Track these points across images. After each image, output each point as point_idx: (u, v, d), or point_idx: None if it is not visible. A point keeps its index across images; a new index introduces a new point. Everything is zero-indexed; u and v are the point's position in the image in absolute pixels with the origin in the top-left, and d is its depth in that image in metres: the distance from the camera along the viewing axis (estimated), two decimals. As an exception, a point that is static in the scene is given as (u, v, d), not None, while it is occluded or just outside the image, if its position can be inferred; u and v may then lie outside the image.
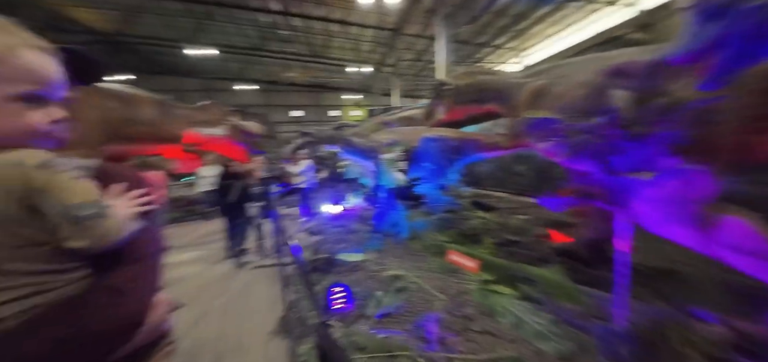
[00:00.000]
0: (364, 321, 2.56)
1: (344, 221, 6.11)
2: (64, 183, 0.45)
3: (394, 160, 4.58)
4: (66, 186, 0.45)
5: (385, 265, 3.66)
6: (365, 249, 4.29)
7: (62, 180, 0.45)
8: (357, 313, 2.68)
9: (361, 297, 2.92)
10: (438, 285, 2.99)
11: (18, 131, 0.45)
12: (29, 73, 0.45)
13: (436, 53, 9.70)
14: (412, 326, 2.38)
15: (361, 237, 4.85)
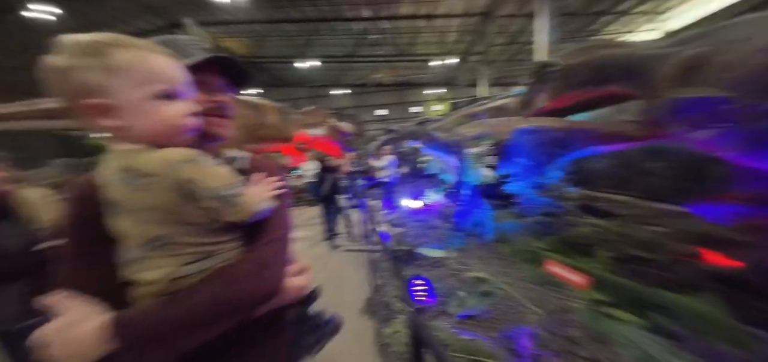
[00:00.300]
0: (446, 318, 2.45)
1: (424, 216, 6.05)
2: (206, 171, 0.54)
3: (480, 155, 4.25)
4: (208, 173, 0.54)
5: (467, 266, 3.44)
6: (446, 247, 4.14)
7: (204, 169, 0.54)
8: (438, 309, 2.58)
9: (442, 293, 2.81)
10: (531, 297, 2.62)
11: (159, 125, 0.54)
12: (158, 75, 0.54)
13: (536, 32, 8.50)
14: (499, 335, 2.14)
15: (441, 234, 4.70)
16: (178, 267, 0.53)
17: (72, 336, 0.46)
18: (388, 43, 17.98)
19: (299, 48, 17.43)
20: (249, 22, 15.40)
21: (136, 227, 0.52)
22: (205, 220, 0.55)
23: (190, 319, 0.50)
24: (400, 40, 17.55)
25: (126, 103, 0.51)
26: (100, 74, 0.49)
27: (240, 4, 13.29)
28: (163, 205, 0.51)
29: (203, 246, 0.55)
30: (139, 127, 0.52)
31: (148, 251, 0.52)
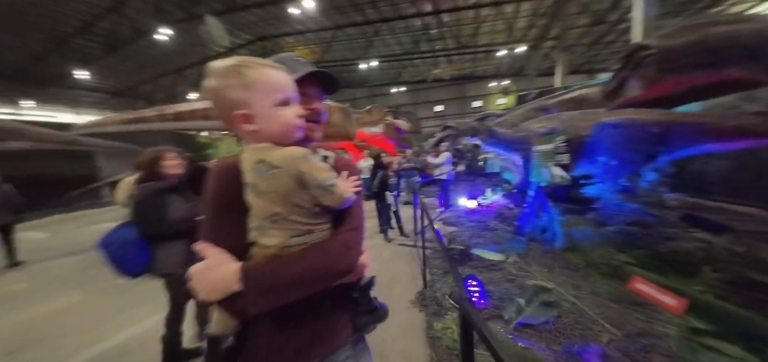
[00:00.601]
0: (500, 322, 2.32)
1: (481, 216, 5.75)
2: (314, 166, 0.68)
3: (550, 153, 3.84)
4: (315, 167, 0.68)
5: (528, 273, 3.17)
6: (504, 250, 3.88)
7: (313, 164, 0.68)
8: (492, 312, 2.46)
9: (497, 297, 2.66)
10: (606, 315, 2.29)
11: (283, 127, 0.69)
12: (278, 86, 0.68)
13: (634, 6, 7.11)
14: (562, 349, 1.94)
15: (499, 237, 4.42)
16: (287, 238, 0.68)
17: (212, 275, 0.63)
18: (448, 37, 17.43)
19: (361, 50, 18.16)
20: (317, 30, 16.70)
21: (262, 204, 0.67)
22: (309, 204, 0.70)
23: (294, 278, 0.66)
24: (462, 31, 16.82)
25: (259, 111, 0.66)
26: (240, 90, 0.65)
27: (310, 15, 14.49)
28: (283, 190, 0.66)
29: (305, 225, 0.70)
30: (267, 129, 0.67)
31: (268, 223, 0.68)
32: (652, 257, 2.81)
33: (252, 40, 17.36)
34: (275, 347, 0.72)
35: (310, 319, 0.76)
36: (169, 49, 16.13)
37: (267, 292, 0.64)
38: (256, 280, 0.63)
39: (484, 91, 26.76)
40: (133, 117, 7.65)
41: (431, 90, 27.44)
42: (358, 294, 0.86)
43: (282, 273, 0.65)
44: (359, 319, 0.85)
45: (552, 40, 16.15)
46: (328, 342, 0.79)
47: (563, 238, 3.81)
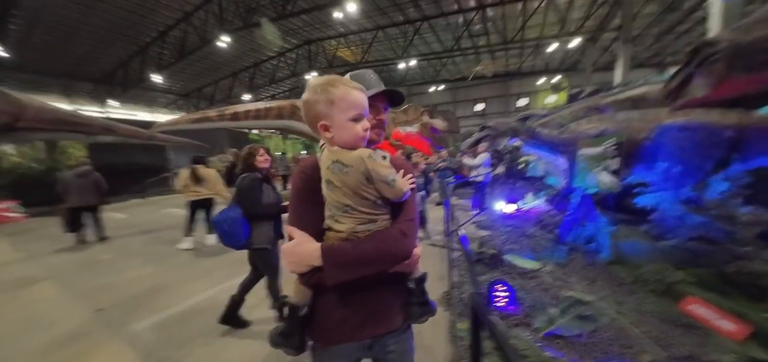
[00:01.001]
0: (527, 330, 2.26)
1: (518, 222, 5.50)
2: (379, 164, 0.82)
3: (598, 157, 3.56)
4: (380, 165, 0.81)
5: (566, 283, 3.01)
6: (541, 258, 3.70)
7: (378, 163, 0.81)
8: (520, 319, 2.40)
9: (528, 305, 2.58)
10: (651, 334, 2.11)
11: (352, 138, 0.82)
12: (354, 104, 0.81)
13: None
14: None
15: (537, 244, 4.20)
16: (355, 225, 0.83)
17: (299, 251, 0.81)
18: (493, 32, 16.68)
19: (400, 49, 18.22)
20: (359, 31, 17.14)
21: (336, 196, 0.83)
22: (373, 197, 0.83)
23: (361, 257, 0.80)
24: (508, 26, 15.95)
25: (336, 123, 0.81)
26: (325, 106, 0.80)
27: (352, 17, 14.93)
28: (353, 184, 0.81)
29: (369, 214, 0.84)
30: (340, 137, 0.82)
31: (340, 212, 0.83)
32: (714, 277, 2.49)
33: (299, 44, 18.43)
34: (340, 318, 0.87)
35: (368, 300, 0.89)
36: (227, 55, 17.83)
37: (341, 267, 0.79)
38: (332, 257, 0.79)
39: (531, 88, 25.13)
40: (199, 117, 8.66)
41: (471, 87, 26.52)
42: (414, 285, 0.97)
43: (352, 253, 0.79)
44: (413, 309, 0.97)
45: (613, 31, 14.61)
46: (383, 322, 0.92)
47: (610, 250, 3.52)
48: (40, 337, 2.52)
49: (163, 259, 4.51)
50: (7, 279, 3.86)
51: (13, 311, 3.01)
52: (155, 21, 14.20)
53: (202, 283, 3.54)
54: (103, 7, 12.51)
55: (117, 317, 2.85)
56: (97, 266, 4.33)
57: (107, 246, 5.41)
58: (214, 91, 23.07)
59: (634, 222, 3.95)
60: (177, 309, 2.96)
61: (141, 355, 2.25)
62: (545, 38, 16.74)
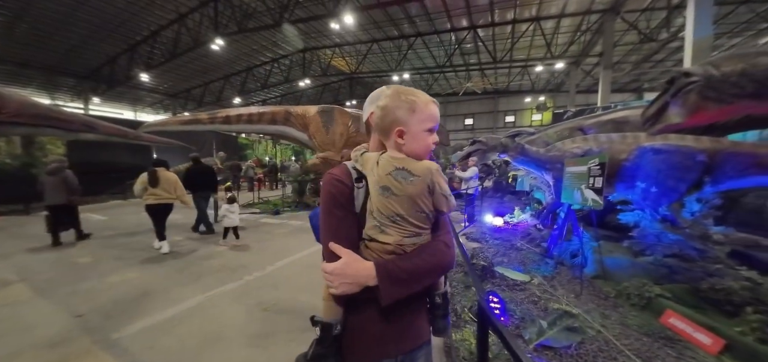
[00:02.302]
0: (518, 341, 2.32)
1: (507, 235, 5.63)
2: (442, 178, 0.82)
3: (582, 175, 3.73)
4: (442, 179, 0.82)
5: (553, 296, 3.10)
6: (529, 271, 3.80)
7: (440, 177, 0.81)
8: (511, 330, 2.46)
9: (518, 317, 2.65)
10: (634, 347, 2.21)
11: (424, 149, 0.82)
12: (433, 117, 0.82)
13: (687, 25, 6.63)
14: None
15: (525, 257, 4.33)
16: (401, 237, 0.81)
17: (351, 271, 0.77)
18: (483, 51, 17.31)
19: (394, 62, 18.59)
20: (354, 43, 17.41)
21: (388, 204, 0.80)
22: (427, 210, 0.82)
23: (415, 272, 0.79)
24: (497, 46, 16.63)
25: (412, 131, 0.80)
26: (406, 113, 0.80)
27: (349, 29, 15.17)
28: (415, 194, 0.79)
29: (418, 227, 0.83)
30: (411, 146, 0.81)
31: (388, 222, 0.81)
32: (690, 292, 2.64)
33: (294, 51, 18.51)
34: (378, 334, 0.85)
35: (403, 313, 0.87)
36: (220, 58, 17.68)
37: (397, 284, 0.77)
38: (389, 275, 0.77)
39: (519, 105, 26.07)
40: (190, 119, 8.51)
41: (462, 103, 27.24)
42: (441, 300, 0.97)
43: (407, 268, 0.78)
44: (439, 323, 0.97)
45: (595, 56, 15.43)
46: (415, 336, 0.91)
47: (594, 265, 3.66)
48: (14, 343, 2.39)
49: (146, 263, 4.36)
50: (-25, 280, 3.63)
51: (-18, 315, 2.83)
52: (147, 20, 13.98)
53: (191, 289, 3.45)
54: (95, 1, 12.26)
55: (98, 323, 2.73)
56: (75, 269, 4.14)
57: (86, 248, 5.18)
58: (204, 93, 22.71)
59: (616, 239, 4.15)
60: (162, 316, 2.87)
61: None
62: (532, 59, 17.54)
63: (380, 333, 0.84)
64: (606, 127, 5.28)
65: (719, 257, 3.02)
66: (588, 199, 3.50)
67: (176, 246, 5.19)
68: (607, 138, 4.73)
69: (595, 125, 5.58)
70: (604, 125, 5.37)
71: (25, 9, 12.05)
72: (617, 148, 4.43)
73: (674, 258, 3.19)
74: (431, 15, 14.22)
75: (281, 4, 12.59)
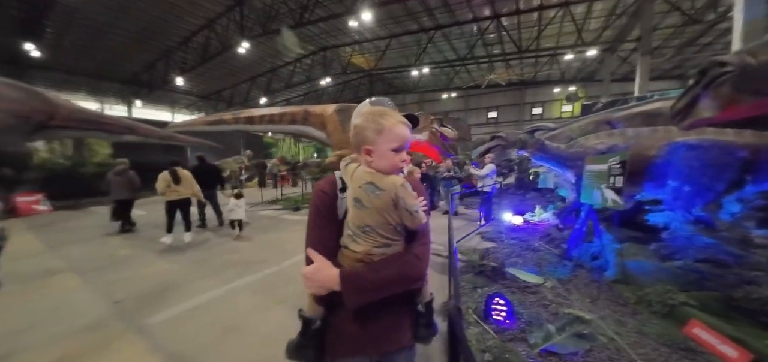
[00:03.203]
0: (523, 345, 2.27)
1: (524, 234, 5.44)
2: (408, 194, 0.85)
3: (602, 174, 3.51)
4: (408, 195, 0.85)
5: (567, 300, 2.98)
6: (544, 273, 3.67)
7: (408, 193, 0.85)
8: (516, 334, 2.41)
9: (526, 320, 2.58)
10: (649, 357, 2.08)
11: (391, 166, 0.87)
12: (400, 137, 0.87)
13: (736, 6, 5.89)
14: (586, 384, 1.84)
15: (541, 258, 4.17)
16: (371, 247, 0.87)
17: (319, 276, 0.84)
18: (508, 41, 16.60)
19: (413, 56, 18.38)
20: (373, 39, 17.42)
21: (360, 215, 0.87)
22: (394, 222, 0.87)
23: (378, 282, 0.84)
24: (523, 34, 15.85)
25: (379, 151, 0.87)
26: (373, 134, 0.86)
27: (367, 25, 15.20)
28: (381, 207, 0.85)
29: (386, 238, 0.88)
30: (379, 163, 0.88)
31: (359, 232, 0.87)
32: (719, 301, 2.42)
33: (314, 50, 18.89)
34: (352, 334, 0.91)
35: (379, 318, 0.92)
36: (246, 60, 18.45)
37: (360, 292, 0.83)
38: (351, 283, 0.83)
39: (547, 97, 24.77)
40: (215, 119, 9.02)
41: (484, 95, 26.37)
42: (424, 309, 1.01)
43: (370, 278, 0.83)
44: (421, 331, 1.01)
45: (632, 42, 14.27)
46: (393, 340, 0.96)
47: (615, 268, 3.46)
48: (62, 326, 2.71)
49: (176, 256, 4.73)
50: (32, 269, 4.13)
51: (37, 300, 3.23)
52: (180, 27, 14.91)
53: (213, 281, 3.70)
54: (133, 11, 13.27)
55: (132, 310, 3.02)
56: (115, 260, 4.59)
57: (125, 241, 5.71)
58: (232, 95, 23.86)
59: (642, 241, 3.88)
60: (187, 306, 3.11)
61: (152, 348, 2.39)
62: (561, 48, 16.55)
63: (356, 333, 0.91)
64: (635, 120, 4.91)
65: (761, 263, 2.74)
66: (608, 200, 3.30)
67: (198, 242, 5.57)
68: (636, 132, 4.42)
69: (624, 119, 5.21)
70: (633, 118, 5.00)
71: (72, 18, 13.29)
72: (646, 144, 4.13)
73: (706, 263, 2.94)
74: (452, 6, 13.87)
75: (301, 5, 12.89)
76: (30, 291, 3.43)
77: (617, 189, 3.17)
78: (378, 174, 0.87)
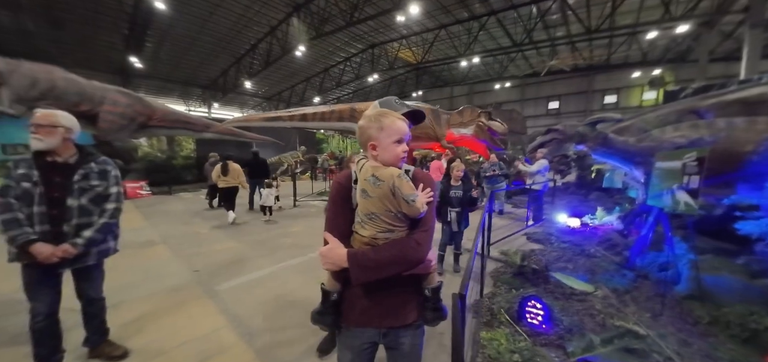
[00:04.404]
0: (558, 352, 2.16)
1: (580, 239, 4.95)
2: (404, 184, 0.95)
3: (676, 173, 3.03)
4: (405, 185, 0.95)
5: (620, 312, 2.70)
6: (596, 281, 3.34)
7: (403, 182, 0.94)
8: (551, 339, 2.30)
9: (565, 326, 2.43)
10: (716, 385, 1.81)
11: (393, 157, 0.98)
12: (400, 131, 0.98)
13: None
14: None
15: (596, 265, 3.78)
16: (376, 232, 0.98)
17: (331, 255, 0.98)
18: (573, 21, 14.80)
19: (463, 46, 17.63)
20: (420, 32, 17.20)
21: (366, 204, 0.99)
22: (395, 210, 0.97)
23: (381, 262, 0.95)
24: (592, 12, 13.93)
25: (382, 145, 0.98)
26: (376, 131, 0.98)
27: (415, 18, 15.07)
28: (383, 196, 0.96)
29: (390, 225, 0.98)
30: (383, 156, 0.99)
31: (366, 219, 0.99)
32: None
33: (363, 48, 19.44)
34: (362, 308, 1.05)
35: (386, 296, 1.05)
36: (302, 62, 19.89)
37: (364, 269, 0.95)
38: (356, 262, 0.95)
39: (623, 82, 21.59)
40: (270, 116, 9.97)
41: (544, 84, 24.04)
42: (430, 293, 1.10)
43: (373, 258, 0.95)
44: (427, 314, 1.11)
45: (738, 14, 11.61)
46: (398, 316, 1.07)
47: (688, 282, 2.99)
48: (154, 286, 3.40)
49: (241, 237, 5.47)
50: (136, 240, 5.19)
51: (137, 264, 4.07)
52: (248, 35, 16.72)
53: (268, 260, 4.22)
54: (211, 25, 15.32)
55: (207, 278, 3.64)
56: (197, 237, 5.49)
57: (204, 222, 6.75)
58: (291, 95, 25.93)
59: (728, 253, 3.27)
60: (249, 278, 3.63)
61: (221, 310, 2.87)
62: (643, 24, 14.18)
63: (366, 306, 1.05)
64: (731, 109, 4.06)
65: None
66: (680, 203, 2.86)
67: (257, 227, 6.31)
68: (728, 124, 3.71)
69: (716, 107, 4.32)
70: (728, 107, 4.13)
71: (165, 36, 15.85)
72: (741, 137, 3.45)
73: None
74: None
75: (352, 4, 13.36)
76: (134, 257, 4.34)
77: (691, 191, 2.73)
78: (380, 167, 0.98)
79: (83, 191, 1.78)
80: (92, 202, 1.82)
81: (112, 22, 14.16)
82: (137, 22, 13.88)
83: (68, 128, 1.74)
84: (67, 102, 6.95)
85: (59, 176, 1.73)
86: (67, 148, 1.77)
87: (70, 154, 1.78)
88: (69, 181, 1.74)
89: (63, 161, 1.76)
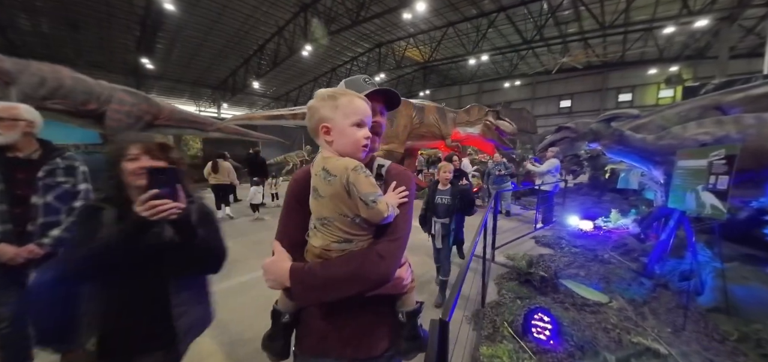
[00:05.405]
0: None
1: (593, 243, 4.67)
2: (361, 179, 0.73)
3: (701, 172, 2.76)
4: (362, 181, 0.73)
5: (637, 327, 2.46)
6: (610, 290, 3.09)
7: (360, 177, 0.73)
8: (561, 356, 2.08)
9: (575, 343, 2.21)
10: (752, 417, 1.57)
11: (353, 144, 0.78)
12: (360, 110, 0.78)
13: None
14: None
15: (610, 272, 3.52)
16: (329, 242, 0.77)
17: (273, 269, 0.79)
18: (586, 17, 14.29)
19: (471, 44, 17.29)
20: (428, 30, 16.94)
21: (318, 206, 0.79)
22: (351, 214, 0.76)
23: (330, 281, 0.74)
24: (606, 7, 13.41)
25: (337, 127, 0.78)
26: (330, 110, 0.78)
27: (422, 16, 14.84)
28: (336, 195, 0.75)
29: (346, 233, 0.77)
30: (340, 142, 0.78)
31: (318, 225, 0.79)
32: None
33: (370, 47, 19.30)
34: (320, 333, 0.85)
35: (350, 320, 0.84)
36: (309, 62, 19.89)
37: (309, 289, 0.75)
38: (300, 279, 0.75)
39: (638, 80, 20.78)
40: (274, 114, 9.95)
41: (556, 82, 23.36)
42: (405, 319, 0.88)
43: (321, 275, 0.74)
44: (402, 343, 0.89)
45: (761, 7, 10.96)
46: (365, 346, 0.86)
47: (713, 293, 2.71)
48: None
49: (239, 237, 5.39)
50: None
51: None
52: (256, 36, 16.81)
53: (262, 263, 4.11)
54: (219, 27, 15.46)
55: (199, 280, 3.54)
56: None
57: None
58: (298, 95, 26.02)
59: (759, 261, 2.97)
60: (241, 280, 3.52)
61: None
62: (659, 19, 13.57)
63: (324, 331, 0.85)
64: (759, 104, 3.75)
65: None
66: (705, 205, 2.59)
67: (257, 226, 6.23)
68: (758, 119, 3.40)
69: (742, 102, 4.00)
70: (756, 101, 3.81)
71: (176, 36, 16.08)
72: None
73: None
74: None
75: (358, 3, 13.23)
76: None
77: (719, 193, 2.46)
78: (332, 159, 0.77)
79: (49, 188, 1.67)
80: (59, 200, 1.71)
81: (124, 25, 14.45)
82: (148, 24, 14.11)
83: (30, 122, 1.64)
84: (75, 101, 7.03)
85: (22, 173, 1.63)
86: (29, 143, 1.66)
87: (33, 150, 1.68)
88: (33, 178, 1.64)
89: (25, 157, 1.65)
